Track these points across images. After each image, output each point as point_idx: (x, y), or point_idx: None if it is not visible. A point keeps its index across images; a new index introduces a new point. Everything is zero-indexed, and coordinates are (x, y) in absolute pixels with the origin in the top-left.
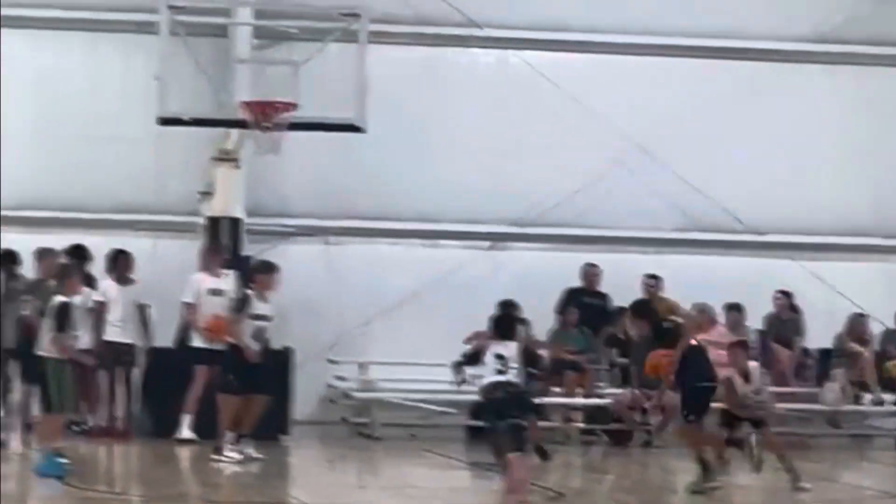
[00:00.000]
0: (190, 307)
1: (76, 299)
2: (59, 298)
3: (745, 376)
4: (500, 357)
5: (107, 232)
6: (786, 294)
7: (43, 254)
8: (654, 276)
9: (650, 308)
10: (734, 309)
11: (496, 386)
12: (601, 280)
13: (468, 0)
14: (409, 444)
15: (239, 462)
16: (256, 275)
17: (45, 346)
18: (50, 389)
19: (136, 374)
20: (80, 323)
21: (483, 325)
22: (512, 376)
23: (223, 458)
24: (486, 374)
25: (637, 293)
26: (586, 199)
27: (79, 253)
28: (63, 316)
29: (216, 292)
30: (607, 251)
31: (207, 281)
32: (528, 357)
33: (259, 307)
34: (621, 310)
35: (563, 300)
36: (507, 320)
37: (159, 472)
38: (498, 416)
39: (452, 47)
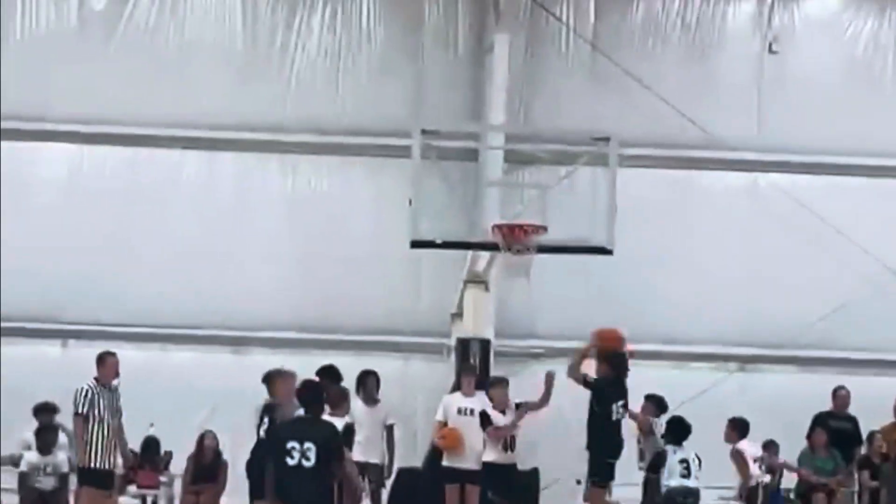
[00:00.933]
0: (440, 427)
1: None
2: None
3: None
4: (683, 461)
5: (359, 353)
6: None
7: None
8: None
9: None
10: None
11: (679, 491)
12: (849, 403)
13: (717, 123)
14: None
15: None
16: (491, 390)
17: None
18: None
19: (383, 494)
20: None
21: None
22: (695, 481)
23: None
24: (673, 478)
25: (888, 416)
26: (837, 322)
27: (330, 373)
28: (347, 436)
29: (465, 412)
30: (858, 373)
31: (459, 401)
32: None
33: (499, 420)
34: (872, 433)
35: (811, 423)
36: (682, 426)
37: None
38: None
39: (701, 170)
